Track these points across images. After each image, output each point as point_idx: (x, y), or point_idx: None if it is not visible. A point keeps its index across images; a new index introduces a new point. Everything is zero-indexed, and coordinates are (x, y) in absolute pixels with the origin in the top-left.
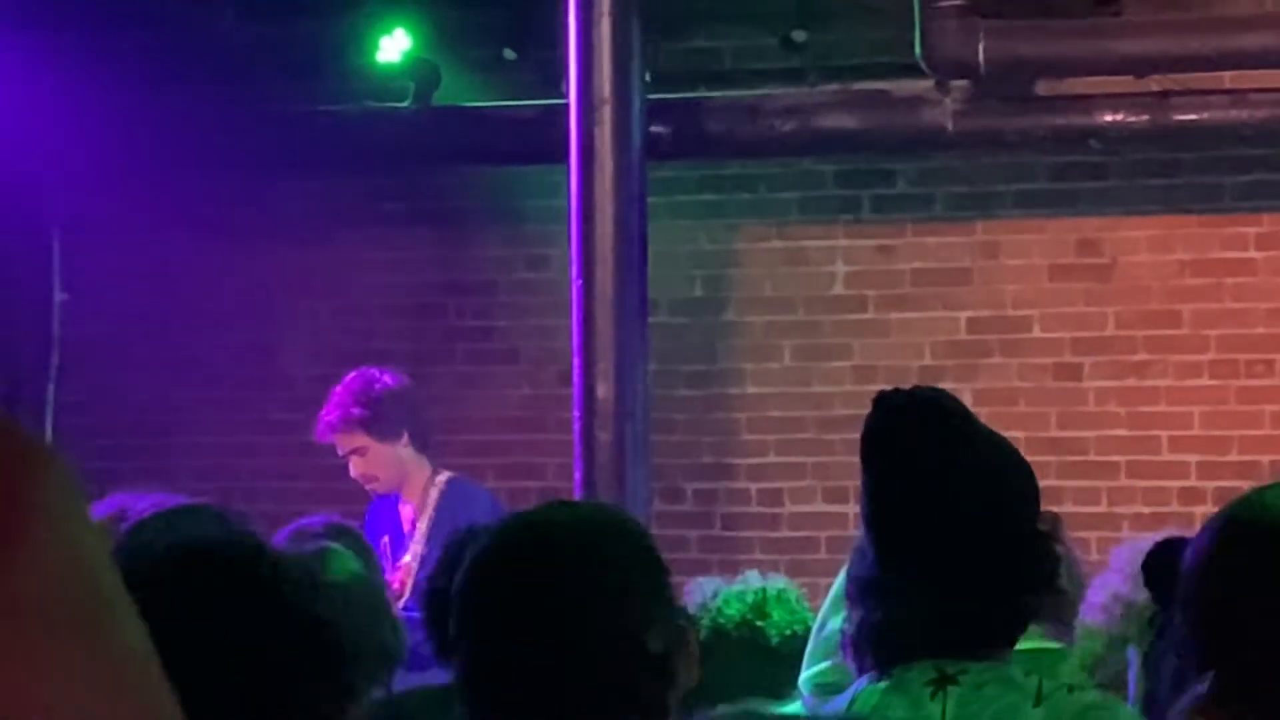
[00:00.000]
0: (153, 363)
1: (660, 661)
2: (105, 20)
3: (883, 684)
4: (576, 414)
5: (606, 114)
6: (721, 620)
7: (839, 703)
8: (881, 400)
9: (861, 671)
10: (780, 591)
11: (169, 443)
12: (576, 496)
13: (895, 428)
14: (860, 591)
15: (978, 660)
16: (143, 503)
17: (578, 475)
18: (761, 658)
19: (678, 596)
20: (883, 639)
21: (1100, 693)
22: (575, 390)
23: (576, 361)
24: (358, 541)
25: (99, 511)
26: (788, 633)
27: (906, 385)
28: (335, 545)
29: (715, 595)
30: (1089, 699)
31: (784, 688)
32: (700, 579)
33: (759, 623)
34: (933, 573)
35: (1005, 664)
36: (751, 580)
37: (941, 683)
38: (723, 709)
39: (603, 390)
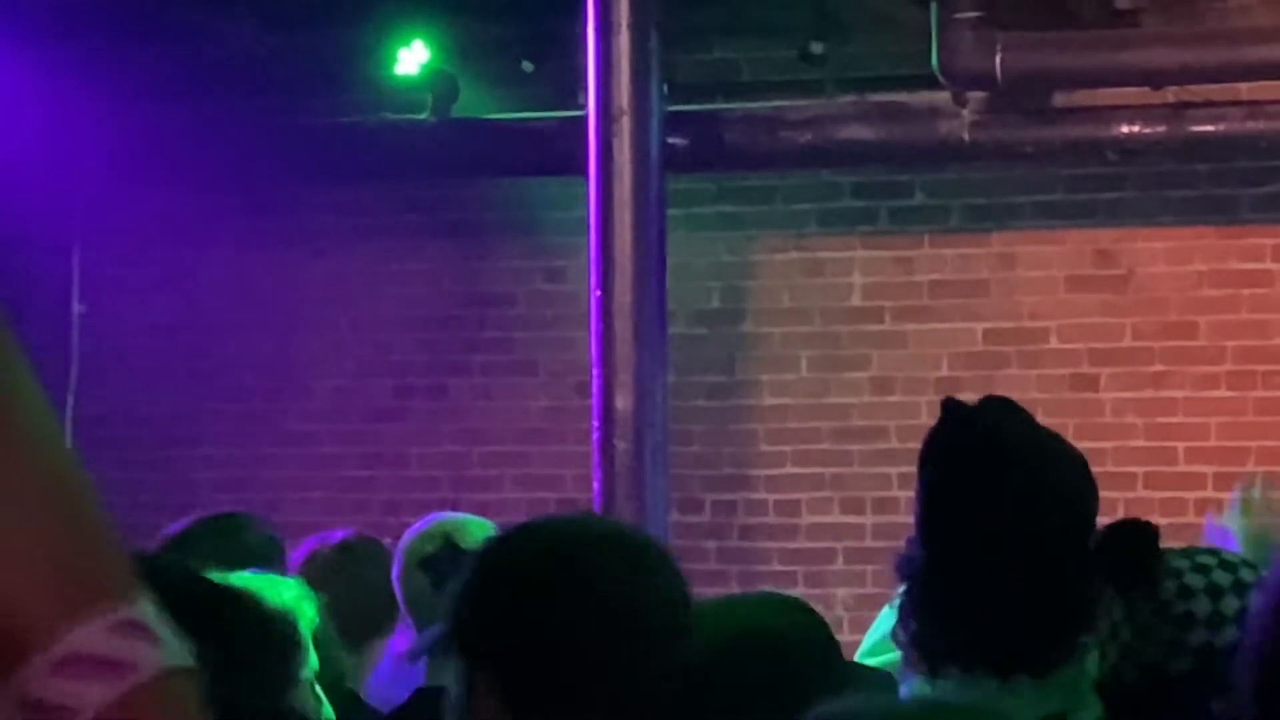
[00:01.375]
0: (172, 374)
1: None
2: (125, 31)
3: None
4: (595, 425)
5: (625, 125)
6: None
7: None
8: (950, 406)
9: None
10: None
11: (189, 455)
12: (595, 507)
13: (968, 438)
14: (913, 600)
15: (1033, 679)
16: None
17: (596, 485)
18: None
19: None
20: (938, 649)
21: None
22: (594, 401)
23: (595, 373)
24: (379, 552)
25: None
26: None
27: (925, 396)
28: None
29: None
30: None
31: None
32: None
33: None
34: (988, 586)
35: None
36: None
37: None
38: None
39: (621, 401)
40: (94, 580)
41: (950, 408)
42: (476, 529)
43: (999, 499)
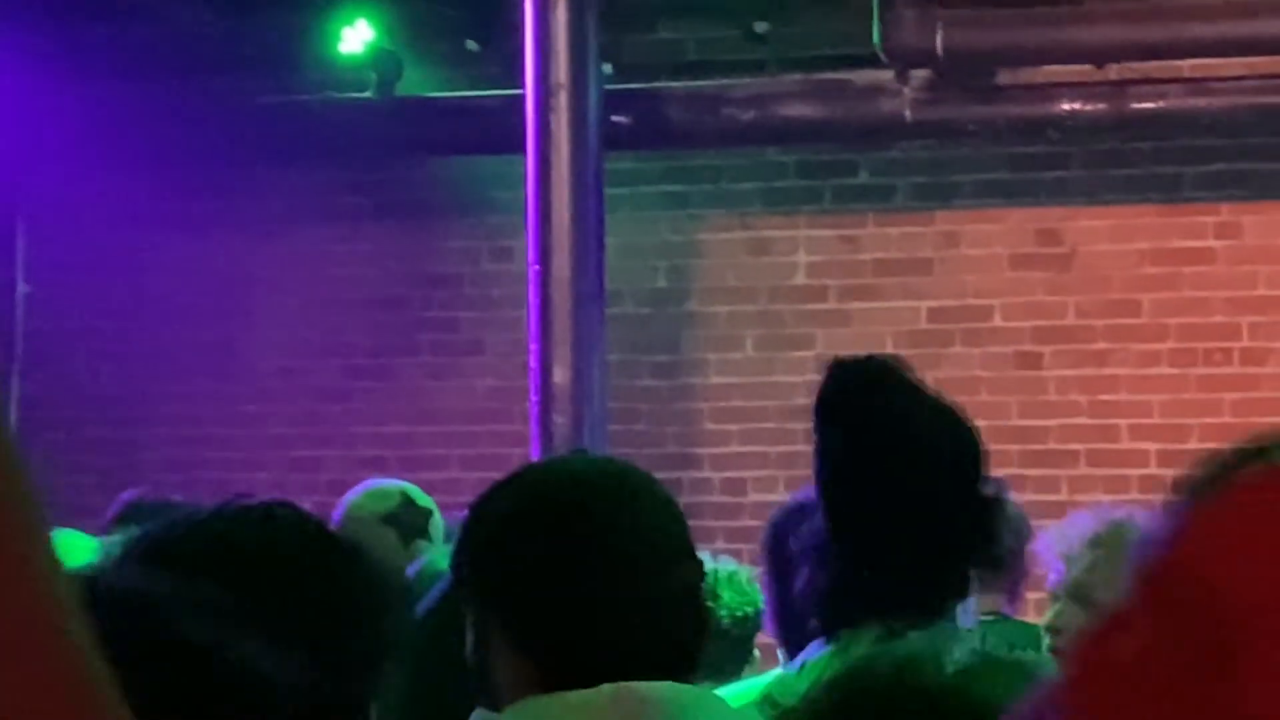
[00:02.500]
0: (118, 356)
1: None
2: (71, 12)
3: (829, 649)
4: (534, 399)
5: (563, 100)
6: None
7: (791, 668)
8: (834, 366)
9: (807, 638)
10: (731, 573)
11: (136, 436)
12: None
13: (848, 392)
14: (807, 556)
15: (925, 618)
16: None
17: (534, 459)
18: (711, 637)
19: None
20: (830, 603)
21: (1036, 655)
22: (532, 375)
23: (534, 347)
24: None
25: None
26: (739, 614)
27: None
28: None
29: None
30: (1025, 658)
31: (730, 666)
32: None
33: (709, 603)
34: (880, 537)
35: (952, 623)
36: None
37: (888, 640)
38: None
39: (560, 375)
40: None
41: (833, 366)
42: (420, 494)
43: (882, 453)
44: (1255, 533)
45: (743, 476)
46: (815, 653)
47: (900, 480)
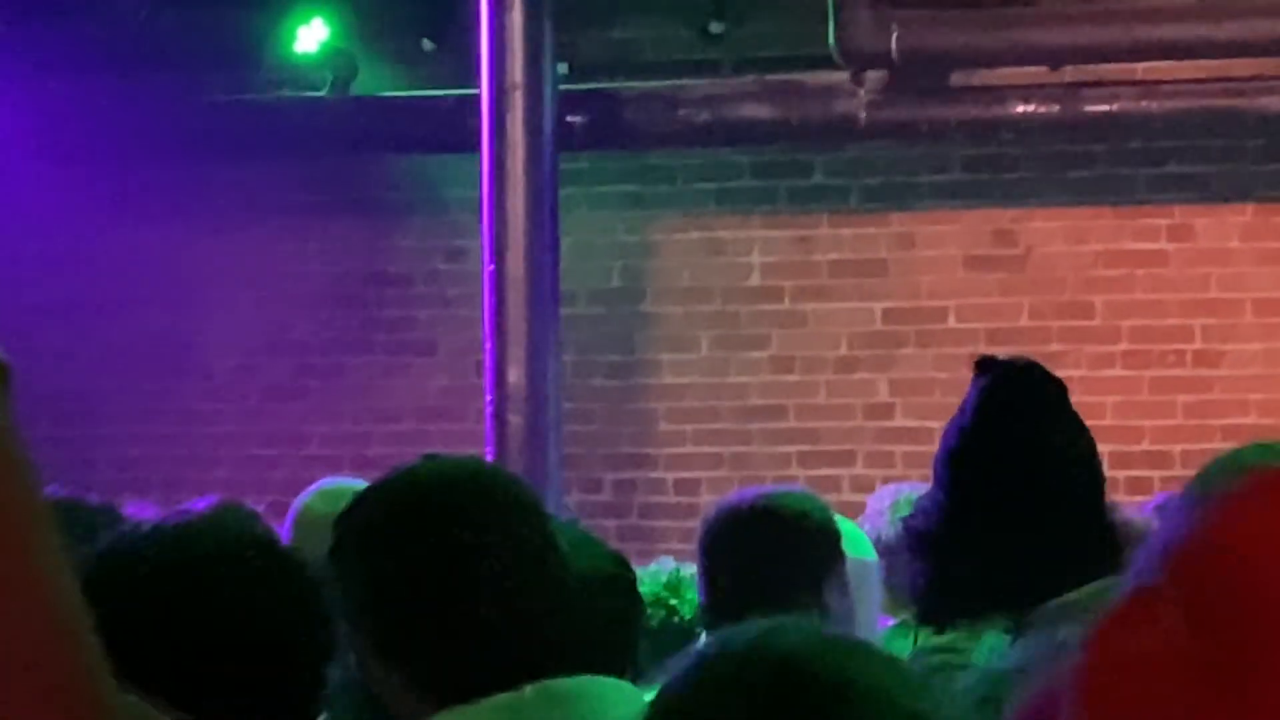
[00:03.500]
0: (69, 352)
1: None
2: (21, 7)
3: (948, 636)
4: (489, 398)
5: (518, 99)
6: None
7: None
8: (995, 365)
9: (924, 622)
10: (695, 574)
11: (86, 433)
12: None
13: (1013, 395)
14: (925, 545)
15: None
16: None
17: (489, 459)
18: (674, 634)
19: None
20: (956, 592)
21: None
22: (487, 375)
23: (488, 346)
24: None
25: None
26: None
27: (824, 375)
28: None
29: None
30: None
31: None
32: None
33: (673, 601)
34: (1013, 534)
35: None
36: (666, 564)
37: (1020, 629)
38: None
39: (514, 375)
40: None
41: (993, 365)
42: None
43: (1036, 458)
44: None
45: (697, 477)
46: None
47: (1051, 489)
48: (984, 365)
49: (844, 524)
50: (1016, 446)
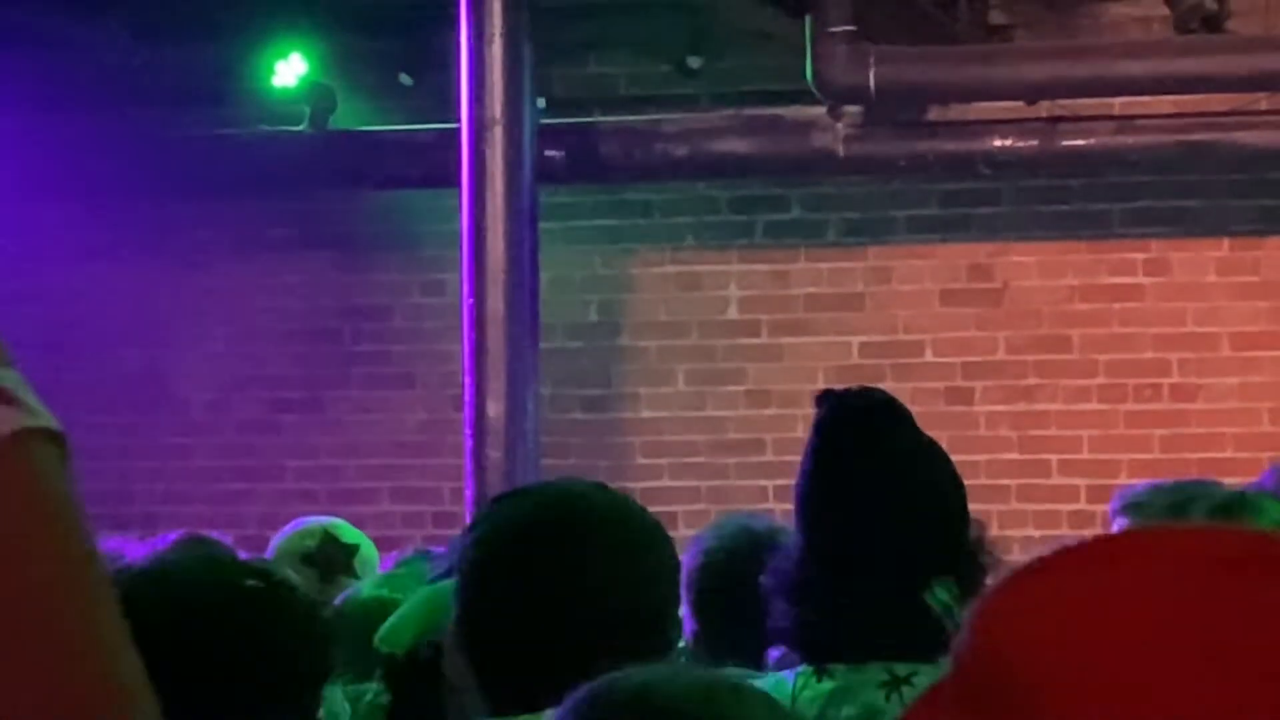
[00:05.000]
0: (43, 387)
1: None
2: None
3: (826, 684)
4: (468, 432)
5: (498, 134)
6: None
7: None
8: (835, 398)
9: (784, 664)
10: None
11: None
12: (467, 516)
13: (852, 426)
14: (787, 586)
15: (928, 664)
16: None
17: (468, 494)
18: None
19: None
20: (824, 635)
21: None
22: (466, 409)
23: (467, 381)
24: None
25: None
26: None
27: (801, 409)
28: None
29: None
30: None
31: None
32: None
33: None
34: (874, 574)
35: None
36: None
37: (895, 685)
38: None
39: (493, 409)
40: None
41: (834, 398)
42: (347, 530)
43: (884, 491)
44: (1048, 613)
45: (674, 510)
46: (801, 683)
47: (900, 520)
48: (821, 399)
49: None
50: (855, 474)
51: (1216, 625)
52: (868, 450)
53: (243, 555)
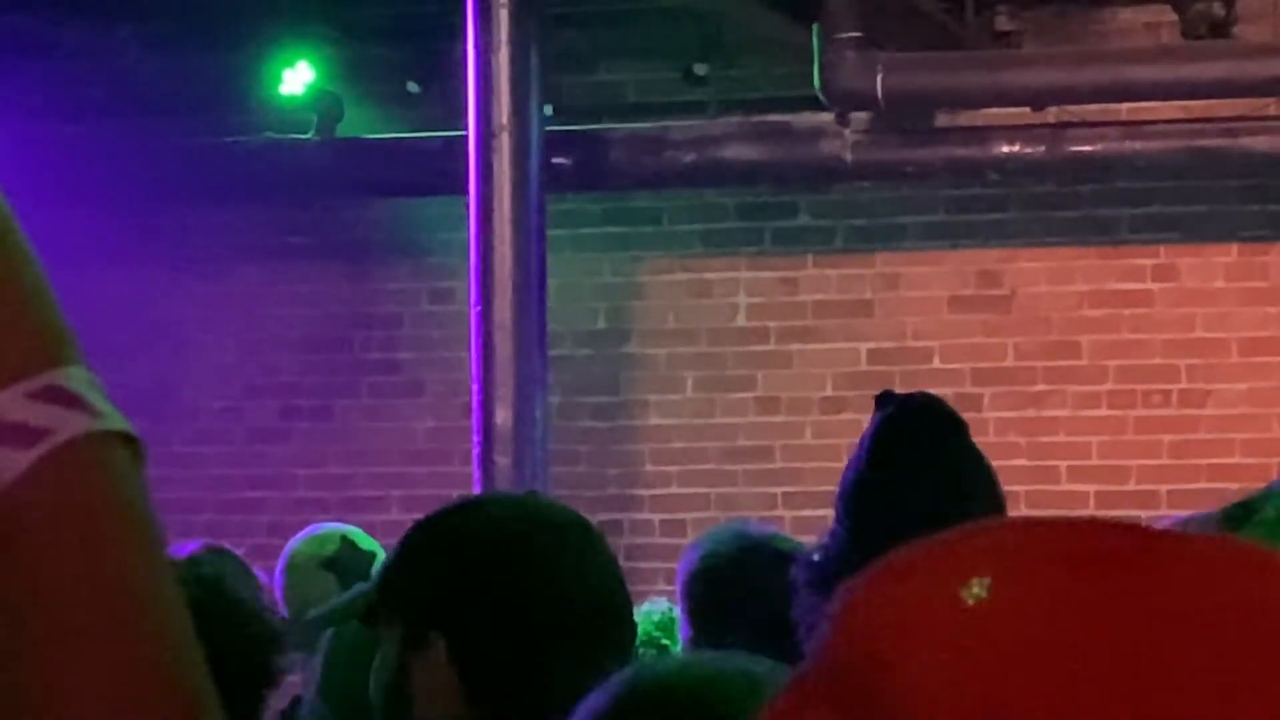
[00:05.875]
0: None
1: None
2: (5, 51)
3: None
4: (476, 439)
5: (505, 141)
6: None
7: None
8: (900, 400)
9: None
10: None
11: None
12: None
13: (915, 432)
14: (826, 578)
15: None
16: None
17: None
18: None
19: None
20: None
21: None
22: (474, 416)
23: (475, 388)
24: (234, 562)
25: None
26: None
27: (810, 416)
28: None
29: None
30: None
31: None
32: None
33: (665, 641)
34: None
35: None
36: (659, 604)
37: None
38: None
39: (501, 416)
40: (13, 351)
41: (895, 400)
42: (362, 536)
43: (940, 492)
44: (912, 607)
45: (683, 518)
46: None
47: (951, 524)
48: (883, 400)
49: None
50: (914, 477)
51: (1078, 626)
52: (928, 457)
53: (255, 567)
